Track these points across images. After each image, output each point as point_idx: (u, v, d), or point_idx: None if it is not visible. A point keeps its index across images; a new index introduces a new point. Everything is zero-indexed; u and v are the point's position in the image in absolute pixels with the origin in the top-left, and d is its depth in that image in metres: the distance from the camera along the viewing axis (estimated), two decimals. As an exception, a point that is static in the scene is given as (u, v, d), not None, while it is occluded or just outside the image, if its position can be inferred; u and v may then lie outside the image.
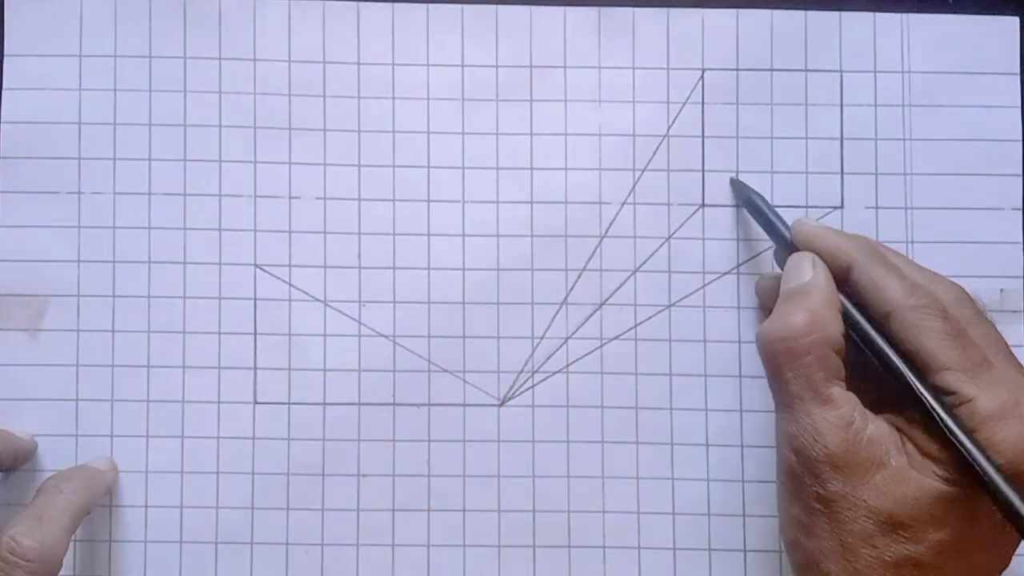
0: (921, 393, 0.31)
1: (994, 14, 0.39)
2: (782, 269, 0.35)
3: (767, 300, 0.38)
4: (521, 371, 0.38)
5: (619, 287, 0.39)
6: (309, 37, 0.39)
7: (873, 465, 0.31)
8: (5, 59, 0.39)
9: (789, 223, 0.36)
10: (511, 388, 0.38)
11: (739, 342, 0.38)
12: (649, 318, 0.38)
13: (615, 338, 0.38)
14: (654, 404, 0.38)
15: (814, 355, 0.32)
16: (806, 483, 0.32)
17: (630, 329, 0.38)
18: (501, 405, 0.38)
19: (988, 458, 0.30)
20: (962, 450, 0.30)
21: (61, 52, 0.39)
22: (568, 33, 0.39)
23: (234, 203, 0.39)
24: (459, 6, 0.39)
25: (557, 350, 0.38)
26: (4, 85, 0.39)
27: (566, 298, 0.39)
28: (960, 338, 0.32)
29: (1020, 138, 0.39)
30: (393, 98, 0.39)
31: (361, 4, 0.39)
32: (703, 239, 0.39)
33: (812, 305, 0.33)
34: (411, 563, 0.38)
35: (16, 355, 0.38)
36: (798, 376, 0.32)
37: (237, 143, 0.39)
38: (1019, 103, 0.39)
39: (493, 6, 0.39)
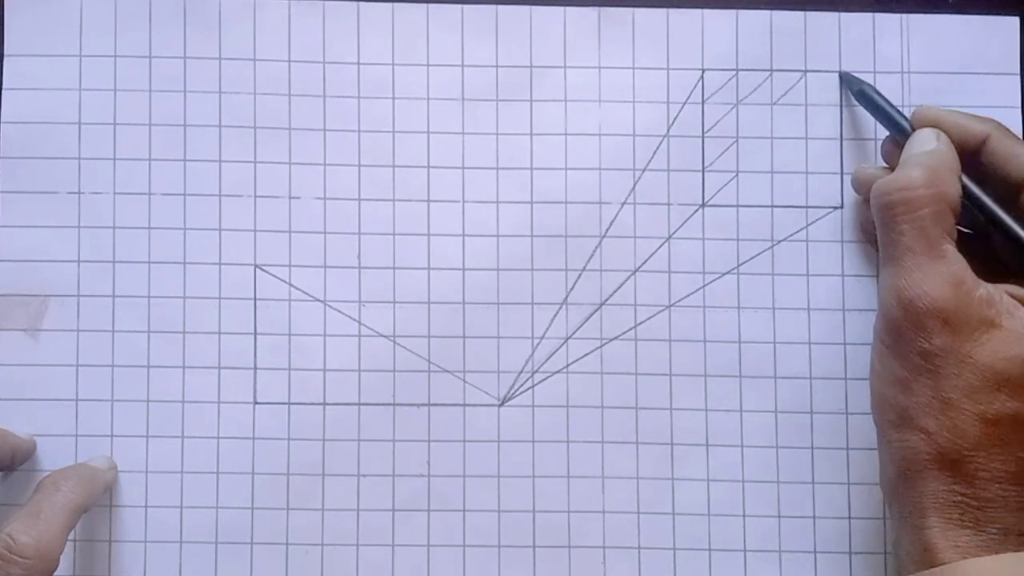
0: None
1: (994, 14, 0.39)
2: (888, 164, 0.36)
3: (867, 190, 0.37)
4: (521, 371, 0.38)
5: (619, 287, 0.39)
6: (309, 37, 0.39)
7: (983, 324, 0.31)
8: (5, 59, 0.39)
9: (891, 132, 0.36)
10: (511, 388, 0.38)
11: (739, 342, 0.38)
12: (649, 318, 0.38)
13: (615, 338, 0.38)
14: (654, 404, 0.38)
15: (931, 208, 0.32)
16: (910, 337, 0.32)
17: (630, 329, 0.38)
18: (501, 405, 0.38)
19: None
20: None
21: (61, 52, 0.39)
22: (568, 33, 0.39)
23: (234, 203, 0.39)
24: (459, 6, 0.39)
25: (557, 350, 0.38)
26: (4, 85, 0.39)
27: (566, 298, 0.39)
28: None
29: (1020, 138, 0.39)
30: (393, 98, 0.39)
31: (361, 4, 0.39)
32: (703, 239, 0.39)
33: (933, 164, 0.33)
34: (411, 563, 0.38)
35: (16, 355, 0.38)
36: (913, 228, 0.32)
37: (237, 143, 0.39)
38: (1019, 103, 0.39)
39: (493, 6, 0.39)
